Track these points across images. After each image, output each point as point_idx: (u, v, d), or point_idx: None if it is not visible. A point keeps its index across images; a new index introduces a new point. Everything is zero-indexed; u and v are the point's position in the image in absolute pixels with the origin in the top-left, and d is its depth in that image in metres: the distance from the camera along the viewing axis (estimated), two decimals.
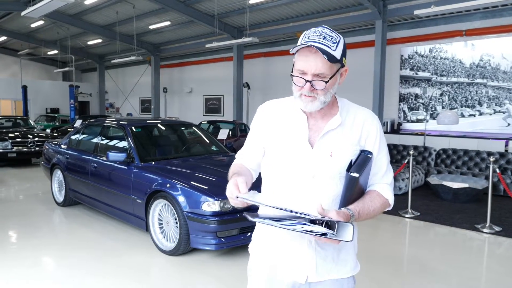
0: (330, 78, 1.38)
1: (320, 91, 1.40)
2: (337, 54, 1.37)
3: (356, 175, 1.39)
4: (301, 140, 1.47)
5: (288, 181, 1.48)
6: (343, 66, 1.43)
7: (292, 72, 1.43)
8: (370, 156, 1.46)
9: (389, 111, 11.53)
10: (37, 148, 10.15)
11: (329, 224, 1.29)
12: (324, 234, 1.25)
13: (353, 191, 1.42)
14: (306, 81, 1.38)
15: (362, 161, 1.44)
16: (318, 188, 1.45)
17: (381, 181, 1.55)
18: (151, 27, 15.50)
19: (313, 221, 1.27)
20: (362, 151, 1.47)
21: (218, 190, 4.04)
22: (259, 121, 1.60)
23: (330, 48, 1.35)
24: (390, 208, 1.56)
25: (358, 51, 11.96)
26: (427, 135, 9.79)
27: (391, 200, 1.54)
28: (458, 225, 5.56)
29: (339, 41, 1.38)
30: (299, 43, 1.40)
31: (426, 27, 10.88)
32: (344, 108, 1.52)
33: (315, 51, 1.35)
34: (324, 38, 1.36)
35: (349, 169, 1.41)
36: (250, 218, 1.33)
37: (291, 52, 1.41)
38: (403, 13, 10.34)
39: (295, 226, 1.26)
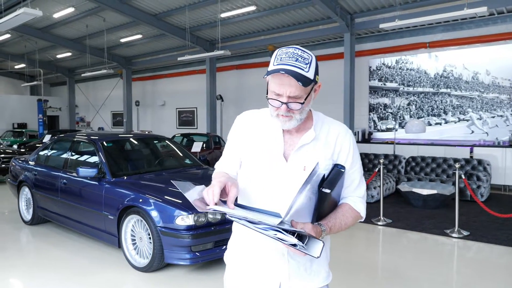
0: (305, 99, 1.41)
1: (296, 111, 1.42)
2: (310, 74, 1.38)
3: (327, 191, 1.40)
4: (276, 154, 1.50)
5: (262, 193, 1.50)
6: (316, 82, 1.44)
7: (267, 93, 1.45)
8: (343, 170, 1.47)
9: (359, 121, 11.80)
10: (3, 165, 9.77)
11: (300, 235, 1.31)
12: (294, 245, 1.27)
13: (325, 205, 1.44)
14: (282, 103, 1.40)
15: (334, 176, 1.45)
16: (291, 201, 1.47)
17: (354, 194, 1.57)
18: (122, 40, 15.34)
19: (286, 230, 1.28)
20: (335, 166, 1.49)
21: (191, 204, 4.00)
22: (237, 131, 1.62)
23: (303, 70, 1.36)
24: (362, 220, 1.60)
25: (328, 63, 12.22)
26: (397, 143, 10.07)
27: (363, 213, 1.58)
28: (428, 230, 5.72)
29: (311, 60, 1.40)
30: (271, 64, 1.41)
31: (392, 39, 11.29)
32: (318, 122, 1.54)
33: (288, 75, 1.35)
34: (296, 60, 1.37)
35: (321, 184, 1.41)
36: (227, 216, 1.38)
37: (264, 77, 1.41)
38: (370, 26, 10.70)
39: (269, 231, 1.28)
